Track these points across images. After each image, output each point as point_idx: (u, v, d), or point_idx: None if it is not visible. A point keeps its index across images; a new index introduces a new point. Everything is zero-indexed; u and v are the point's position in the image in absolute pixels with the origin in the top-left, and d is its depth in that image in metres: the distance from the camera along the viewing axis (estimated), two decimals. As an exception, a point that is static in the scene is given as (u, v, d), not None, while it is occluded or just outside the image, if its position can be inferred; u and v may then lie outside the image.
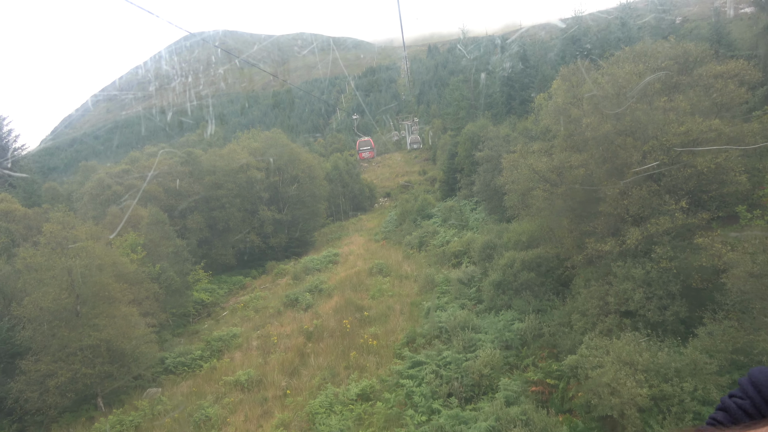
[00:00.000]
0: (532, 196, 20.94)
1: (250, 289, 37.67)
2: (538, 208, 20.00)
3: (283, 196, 45.18)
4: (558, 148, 21.13)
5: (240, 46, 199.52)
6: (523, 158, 21.94)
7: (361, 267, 34.50)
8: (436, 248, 33.91)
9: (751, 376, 1.41)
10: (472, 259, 28.99)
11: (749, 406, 1.37)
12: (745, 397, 1.38)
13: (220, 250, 40.33)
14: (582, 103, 20.00)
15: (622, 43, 41.41)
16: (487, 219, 35.93)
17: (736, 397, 1.41)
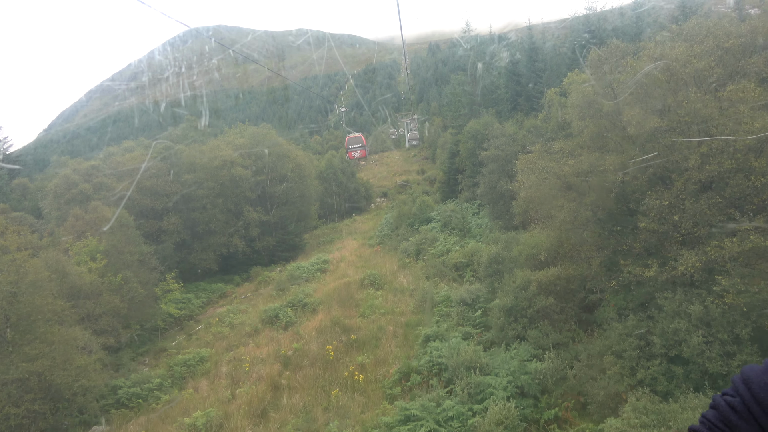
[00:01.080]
0: (553, 205, 17.12)
1: (231, 299, 33.88)
2: (563, 221, 16.14)
3: (270, 196, 41.36)
4: (585, 148, 17.31)
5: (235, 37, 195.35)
6: (543, 160, 18.07)
7: (352, 277, 30.74)
8: (435, 258, 30.13)
9: (743, 374, 1.37)
10: (477, 274, 25.22)
11: (739, 404, 1.33)
12: (736, 395, 1.35)
13: (200, 255, 36.53)
14: (616, 94, 16.18)
15: (637, 40, 37.65)
16: (492, 226, 32.14)
17: (728, 395, 1.37)
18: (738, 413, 1.33)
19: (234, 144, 40.64)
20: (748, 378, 1.34)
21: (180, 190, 36.16)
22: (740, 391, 1.34)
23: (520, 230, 29.48)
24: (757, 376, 1.33)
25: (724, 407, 1.36)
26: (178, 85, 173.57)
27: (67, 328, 18.86)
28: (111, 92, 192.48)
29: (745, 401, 1.32)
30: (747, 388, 1.33)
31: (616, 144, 16.28)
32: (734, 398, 1.35)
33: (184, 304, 31.16)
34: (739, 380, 1.37)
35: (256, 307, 29.83)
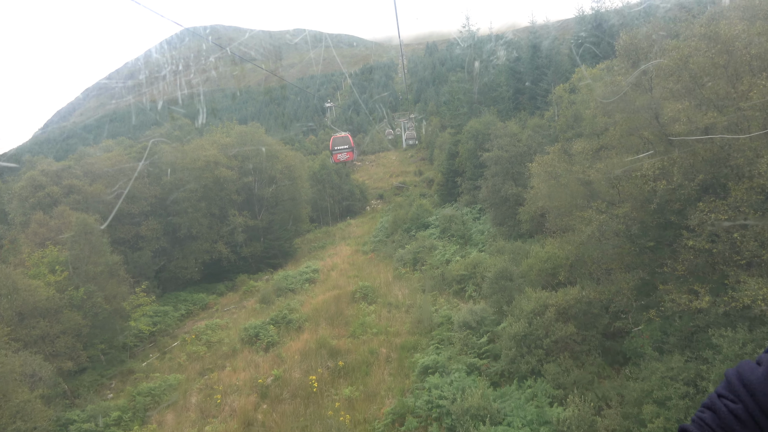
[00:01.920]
0: (576, 216, 14.24)
1: (212, 311, 30.92)
2: (589, 235, 13.24)
3: (258, 199, 38.41)
4: (614, 149, 14.41)
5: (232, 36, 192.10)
6: (563, 163, 15.19)
7: (343, 289, 27.86)
8: (434, 269, 27.25)
9: (741, 376, 1.26)
10: (480, 289, 22.37)
11: (742, 412, 1.22)
12: (737, 401, 1.24)
13: (181, 263, 33.57)
14: (652, 85, 13.30)
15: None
16: (495, 233, 29.28)
17: (727, 399, 1.27)
18: (741, 422, 1.21)
19: (219, 144, 37.63)
20: (750, 383, 1.22)
21: (159, 193, 33.21)
22: (742, 397, 1.23)
23: (526, 239, 26.66)
24: (760, 382, 1.21)
25: (726, 414, 1.24)
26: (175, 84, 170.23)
27: (4, 357, 15.88)
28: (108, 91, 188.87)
29: (749, 409, 1.20)
30: (750, 395, 1.21)
31: (652, 144, 13.40)
32: (736, 405, 1.23)
33: (160, 318, 28.21)
34: (739, 383, 1.25)
35: (237, 321, 26.90)
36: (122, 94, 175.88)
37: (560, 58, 41.43)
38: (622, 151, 14.16)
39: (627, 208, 12.81)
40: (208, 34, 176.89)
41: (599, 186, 13.38)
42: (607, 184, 13.03)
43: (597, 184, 13.40)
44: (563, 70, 39.38)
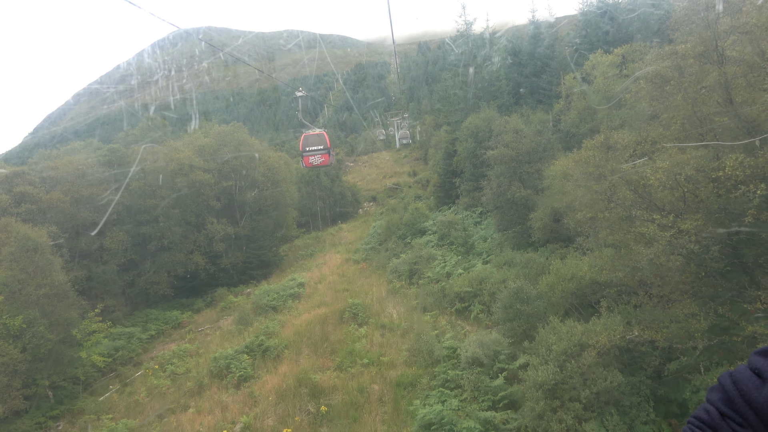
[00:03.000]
0: (630, 231, 10.62)
1: (185, 331, 27.17)
2: (652, 259, 9.59)
3: (240, 205, 34.71)
4: (675, 139, 10.76)
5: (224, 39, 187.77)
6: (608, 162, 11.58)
7: (331, 306, 24.23)
8: (433, 282, 23.66)
9: (743, 392, 1.12)
10: (488, 307, 18.82)
11: None
12: (746, 425, 1.10)
13: (152, 277, 29.81)
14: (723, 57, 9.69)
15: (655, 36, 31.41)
16: (500, 240, 25.70)
17: (732, 420, 1.12)
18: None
19: (196, 145, 33.86)
20: (759, 406, 1.08)
21: (127, 200, 29.47)
22: (751, 422, 1.09)
23: (538, 248, 23.10)
24: (763, 396, 1.08)
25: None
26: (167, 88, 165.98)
27: None
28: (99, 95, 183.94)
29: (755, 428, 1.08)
30: (761, 421, 1.09)
31: (728, 134, 9.80)
32: (745, 429, 1.10)
33: (124, 342, 24.45)
34: (743, 404, 1.11)
35: (210, 346, 23.22)
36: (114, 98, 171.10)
37: (564, 49, 37.83)
38: (682, 140, 10.55)
39: (698, 220, 9.18)
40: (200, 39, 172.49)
41: (657, 191, 9.77)
42: (669, 188, 9.41)
43: (660, 191, 9.76)
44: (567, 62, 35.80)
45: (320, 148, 17.21)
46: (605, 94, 24.01)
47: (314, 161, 17.46)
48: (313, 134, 17.58)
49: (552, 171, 21.08)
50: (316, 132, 17.72)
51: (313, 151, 17.22)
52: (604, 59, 24.73)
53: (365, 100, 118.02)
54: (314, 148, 17.19)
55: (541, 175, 23.76)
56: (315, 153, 17.22)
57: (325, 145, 17.22)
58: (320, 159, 17.32)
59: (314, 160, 17.40)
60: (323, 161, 17.51)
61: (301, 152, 17.60)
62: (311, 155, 17.35)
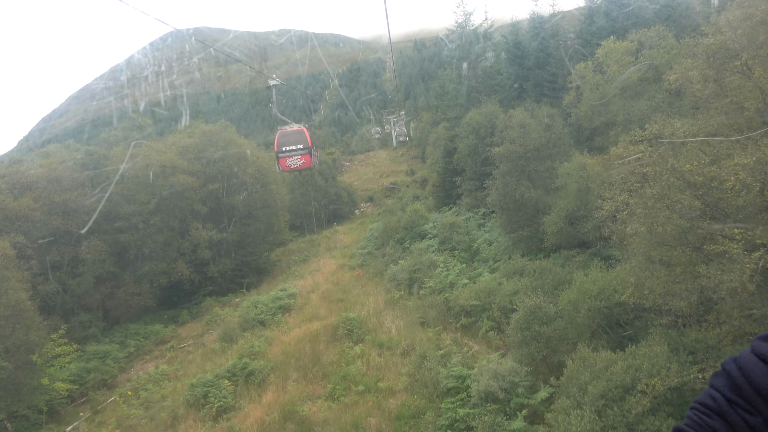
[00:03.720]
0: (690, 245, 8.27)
1: (167, 347, 24.81)
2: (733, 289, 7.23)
3: (228, 209, 32.34)
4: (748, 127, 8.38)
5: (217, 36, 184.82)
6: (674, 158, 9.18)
7: (324, 320, 21.94)
8: (435, 293, 21.33)
9: (749, 378, 1.05)
10: (501, 330, 16.53)
11: (762, 426, 1.03)
12: (755, 413, 1.04)
13: (132, 288, 27.44)
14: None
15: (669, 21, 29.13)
16: (507, 244, 23.43)
17: (740, 407, 1.05)
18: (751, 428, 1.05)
19: (180, 146, 31.41)
20: (760, 387, 1.04)
21: (104, 206, 27.08)
22: (761, 409, 1.03)
23: (550, 253, 20.81)
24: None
25: (743, 427, 1.04)
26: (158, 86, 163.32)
27: None
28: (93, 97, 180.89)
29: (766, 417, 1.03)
30: (765, 403, 1.03)
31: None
32: (755, 417, 1.04)
33: (97, 363, 22.09)
34: (751, 391, 1.05)
35: (190, 366, 20.89)
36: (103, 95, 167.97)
37: (569, 39, 35.42)
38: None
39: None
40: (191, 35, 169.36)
41: (733, 196, 7.43)
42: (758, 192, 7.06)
43: (729, 193, 7.42)
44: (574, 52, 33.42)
45: (299, 148, 14.48)
46: (621, 84, 21.72)
47: (292, 164, 14.76)
48: (290, 131, 14.90)
49: (566, 169, 18.79)
50: (294, 128, 15.04)
51: (291, 151, 14.52)
52: (617, 46, 22.41)
53: (361, 98, 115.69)
54: (292, 147, 14.49)
55: (553, 173, 21.46)
56: (293, 153, 14.52)
57: (305, 144, 14.52)
58: (300, 161, 14.65)
59: (292, 162, 14.72)
60: (303, 164, 14.83)
61: (276, 153, 14.96)
62: (288, 156, 14.66)
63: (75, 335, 24.43)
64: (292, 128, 15.20)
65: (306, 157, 14.89)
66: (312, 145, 14.96)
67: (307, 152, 14.75)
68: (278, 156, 14.96)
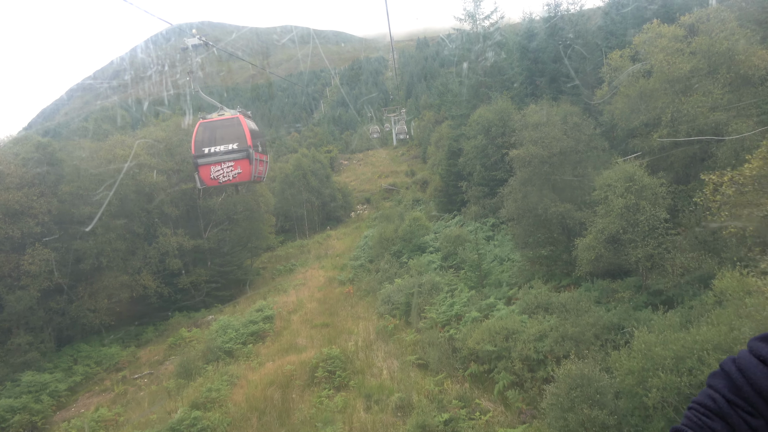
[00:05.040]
0: None
1: (119, 378, 20.58)
2: None
3: (204, 213, 28.13)
4: None
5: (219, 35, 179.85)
6: None
7: (302, 354, 17.76)
8: (437, 325, 17.11)
9: (750, 379, 1.04)
10: (524, 388, 12.37)
11: (765, 429, 1.01)
12: (756, 414, 1.02)
13: (87, 303, 23.20)
14: None
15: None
16: (523, 265, 19.24)
17: (741, 409, 1.04)
18: (749, 427, 1.03)
19: (150, 139, 27.12)
20: (761, 386, 1.02)
21: (56, 208, 22.87)
22: (761, 409, 1.02)
23: (581, 282, 16.63)
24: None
25: (744, 429, 1.02)
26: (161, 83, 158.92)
27: None
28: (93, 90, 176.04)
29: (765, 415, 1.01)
30: (763, 400, 1.02)
31: None
32: (756, 420, 1.02)
33: (29, 399, 17.90)
34: (751, 391, 1.04)
35: (135, 410, 16.72)
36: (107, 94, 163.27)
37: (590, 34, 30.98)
38: None
39: None
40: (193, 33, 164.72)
41: None
42: None
43: None
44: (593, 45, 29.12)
45: (232, 150, 9.56)
46: (668, 75, 17.49)
47: (221, 175, 9.81)
48: (218, 120, 9.78)
49: (606, 179, 14.57)
50: (224, 116, 9.85)
51: (218, 155, 9.51)
52: (664, 30, 18.15)
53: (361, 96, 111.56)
54: (220, 148, 9.55)
55: (584, 183, 17.27)
56: (221, 158, 9.52)
57: (242, 143, 9.59)
58: (232, 171, 9.87)
59: (221, 172, 9.85)
60: (240, 175, 9.74)
61: (194, 157, 10.20)
62: (214, 163, 9.92)
63: (11, 361, 20.39)
64: (221, 117, 10.10)
65: (243, 164, 9.86)
66: (253, 144, 9.97)
67: (244, 155, 9.76)
68: (196, 162, 9.92)
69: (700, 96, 16.45)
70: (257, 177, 10.61)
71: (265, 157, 11.18)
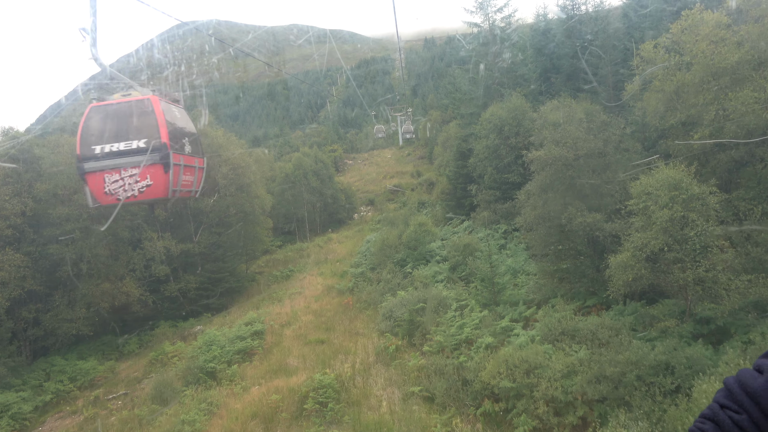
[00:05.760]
0: None
1: (92, 399, 18.50)
2: None
3: (195, 215, 26.03)
4: None
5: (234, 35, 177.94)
6: None
7: (292, 378, 15.61)
8: (444, 350, 14.88)
9: (743, 384, 1.11)
10: None
11: (747, 422, 1.08)
12: (741, 411, 1.10)
13: (64, 313, 21.11)
14: None
15: None
16: (543, 279, 16.98)
17: (730, 409, 1.12)
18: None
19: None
20: (754, 391, 1.09)
21: (31, 209, 20.83)
22: (746, 406, 1.09)
23: (610, 303, 14.38)
24: (764, 389, 1.07)
25: (730, 426, 1.10)
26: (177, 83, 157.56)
27: None
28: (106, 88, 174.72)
29: (754, 419, 1.08)
30: (755, 404, 1.08)
31: None
32: (740, 415, 1.09)
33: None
34: (741, 392, 1.11)
35: None
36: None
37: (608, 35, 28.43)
38: None
39: None
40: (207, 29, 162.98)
41: None
42: None
43: None
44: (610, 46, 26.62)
45: (137, 149, 6.40)
46: (711, 67, 15.20)
47: (120, 190, 6.45)
48: (118, 104, 6.61)
49: (645, 186, 12.31)
50: (129, 98, 6.69)
51: (115, 158, 6.37)
52: (707, 17, 15.85)
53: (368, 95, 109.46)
54: (119, 148, 6.41)
55: (615, 190, 15.00)
56: (120, 163, 6.39)
57: (152, 139, 6.40)
58: (138, 183, 6.44)
59: (119, 185, 6.41)
60: (150, 189, 6.54)
61: (79, 160, 6.45)
62: (109, 169, 6.43)
63: (-26, 377, 18.31)
64: (125, 98, 6.79)
65: (154, 172, 6.56)
66: (173, 141, 6.67)
67: (155, 159, 6.49)
68: (82, 168, 6.59)
69: (750, 91, 14.14)
70: (182, 191, 7.15)
71: (197, 161, 7.57)
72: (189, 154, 7.18)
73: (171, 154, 6.62)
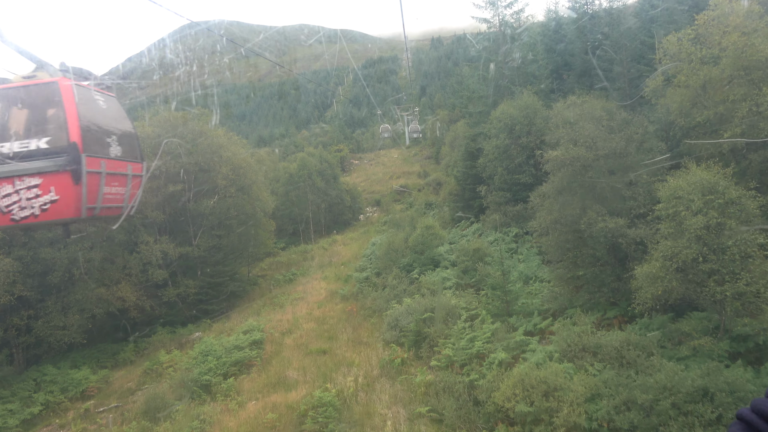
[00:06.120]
0: None
1: (81, 412, 17.56)
2: None
3: (194, 217, 25.06)
4: None
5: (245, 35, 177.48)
6: None
7: (291, 393, 14.59)
8: (453, 364, 13.78)
9: (762, 414, 1.04)
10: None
11: None
12: (747, 429, 1.05)
13: (56, 320, 20.21)
14: None
15: None
16: (559, 286, 15.85)
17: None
18: None
19: (136, 136, 24.19)
20: (762, 411, 1.03)
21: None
22: (751, 421, 1.04)
23: (635, 316, 13.23)
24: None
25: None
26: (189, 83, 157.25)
27: None
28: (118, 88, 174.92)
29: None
30: (761, 419, 1.03)
31: None
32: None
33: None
34: (762, 422, 1.03)
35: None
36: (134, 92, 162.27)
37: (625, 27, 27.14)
38: None
39: None
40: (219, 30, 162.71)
41: None
42: None
43: None
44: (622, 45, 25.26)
45: (36, 150, 4.89)
46: (743, 61, 14.01)
47: (14, 208, 4.89)
48: (16, 89, 5.12)
49: (675, 189, 11.16)
50: (31, 82, 5.18)
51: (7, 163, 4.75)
52: (737, 6, 14.65)
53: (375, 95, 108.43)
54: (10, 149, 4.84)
55: (639, 193, 13.84)
56: (12, 171, 4.81)
57: (57, 138, 4.90)
58: (37, 197, 4.79)
59: (13, 201, 4.86)
60: (55, 206, 4.92)
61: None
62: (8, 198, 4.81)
63: (-41, 389, 17.43)
64: (28, 82, 5.38)
65: (60, 183, 5.06)
66: (87, 140, 5.18)
67: (61, 165, 5.01)
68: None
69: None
70: (106, 208, 5.63)
71: (130, 167, 6.02)
72: (117, 157, 5.76)
73: (83, 158, 5.05)
